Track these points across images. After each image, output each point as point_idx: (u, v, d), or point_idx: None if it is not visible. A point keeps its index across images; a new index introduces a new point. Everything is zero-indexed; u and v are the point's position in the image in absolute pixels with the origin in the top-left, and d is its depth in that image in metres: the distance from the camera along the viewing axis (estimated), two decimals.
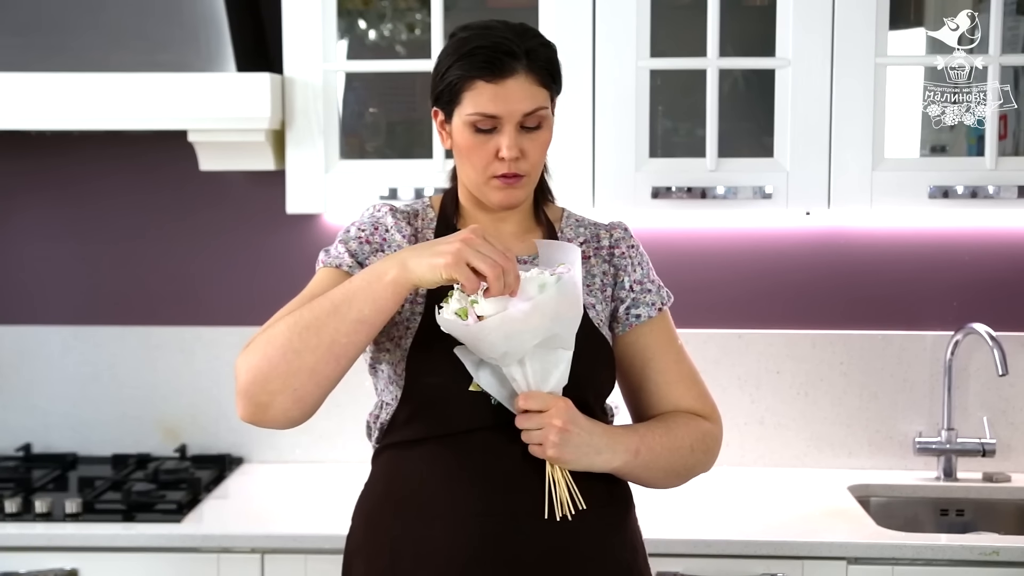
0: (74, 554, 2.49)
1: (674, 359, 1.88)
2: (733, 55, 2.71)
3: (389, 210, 1.85)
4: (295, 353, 1.63)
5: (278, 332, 1.65)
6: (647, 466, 1.79)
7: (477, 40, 1.73)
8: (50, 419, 3.01)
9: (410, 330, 1.77)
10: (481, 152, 1.76)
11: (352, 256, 1.79)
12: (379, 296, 1.63)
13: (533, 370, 1.67)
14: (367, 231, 1.82)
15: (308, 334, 1.63)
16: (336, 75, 2.74)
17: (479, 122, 1.74)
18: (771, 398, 2.92)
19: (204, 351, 2.98)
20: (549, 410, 1.68)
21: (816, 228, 2.87)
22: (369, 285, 1.63)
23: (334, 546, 2.36)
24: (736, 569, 2.40)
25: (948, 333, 2.83)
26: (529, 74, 1.73)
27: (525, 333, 1.62)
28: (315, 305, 1.65)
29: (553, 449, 1.68)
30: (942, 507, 2.79)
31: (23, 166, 3.00)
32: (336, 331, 1.63)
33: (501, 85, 1.72)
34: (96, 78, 2.56)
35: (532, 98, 1.74)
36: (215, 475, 2.84)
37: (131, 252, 3.00)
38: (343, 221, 2.82)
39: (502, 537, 1.71)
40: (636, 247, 1.90)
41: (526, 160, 1.77)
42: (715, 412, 1.90)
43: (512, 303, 1.61)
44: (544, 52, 1.77)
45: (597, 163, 2.65)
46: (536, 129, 1.77)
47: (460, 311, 1.61)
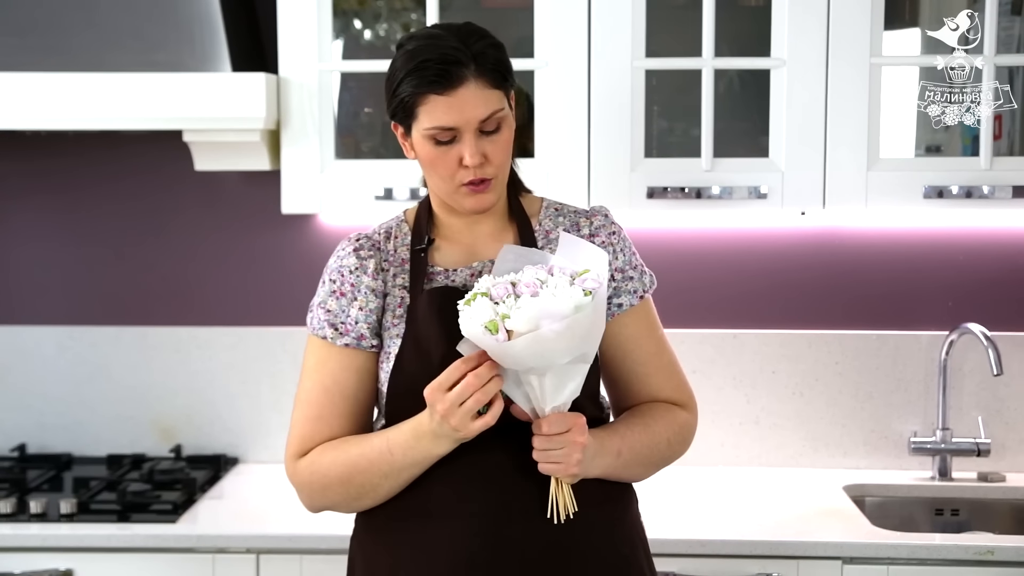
0: (69, 554, 2.49)
1: (654, 349, 1.88)
2: (728, 55, 2.71)
3: (353, 250, 1.84)
4: (355, 499, 1.81)
5: (332, 487, 1.80)
6: (627, 465, 1.81)
7: (423, 53, 1.72)
8: (45, 419, 3.00)
9: (398, 337, 1.79)
10: (444, 162, 1.76)
11: (331, 323, 1.82)
12: (423, 462, 1.74)
13: (551, 383, 1.65)
14: (337, 282, 1.83)
15: (364, 491, 1.78)
16: (331, 75, 2.73)
17: (437, 135, 1.74)
18: (766, 398, 2.92)
19: (199, 351, 2.98)
20: (571, 430, 1.68)
21: (811, 228, 2.87)
22: (411, 461, 1.73)
23: (329, 546, 2.37)
24: (731, 569, 2.40)
25: (943, 333, 2.83)
26: (480, 79, 1.72)
27: (556, 352, 1.61)
28: (363, 469, 1.76)
29: (577, 467, 1.69)
30: (937, 507, 2.79)
31: (18, 166, 2.99)
32: (391, 489, 1.77)
33: (453, 96, 1.71)
34: (91, 78, 2.56)
35: (486, 103, 1.73)
36: (210, 475, 2.84)
37: (126, 252, 2.99)
38: (338, 221, 2.85)
39: (500, 536, 1.72)
40: (616, 232, 1.88)
41: (491, 164, 1.76)
42: (692, 400, 1.92)
43: (545, 321, 1.58)
44: (492, 53, 1.75)
45: (592, 163, 2.65)
46: (496, 132, 1.76)
47: (490, 324, 1.59)
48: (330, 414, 1.81)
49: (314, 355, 1.84)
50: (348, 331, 1.81)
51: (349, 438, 1.80)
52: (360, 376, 1.82)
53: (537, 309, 1.58)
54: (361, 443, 1.78)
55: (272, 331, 2.95)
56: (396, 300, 1.81)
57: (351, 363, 1.82)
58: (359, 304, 1.81)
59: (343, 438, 1.81)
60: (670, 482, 2.68)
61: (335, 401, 1.81)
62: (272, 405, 2.96)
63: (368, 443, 1.77)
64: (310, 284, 1.88)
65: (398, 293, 1.82)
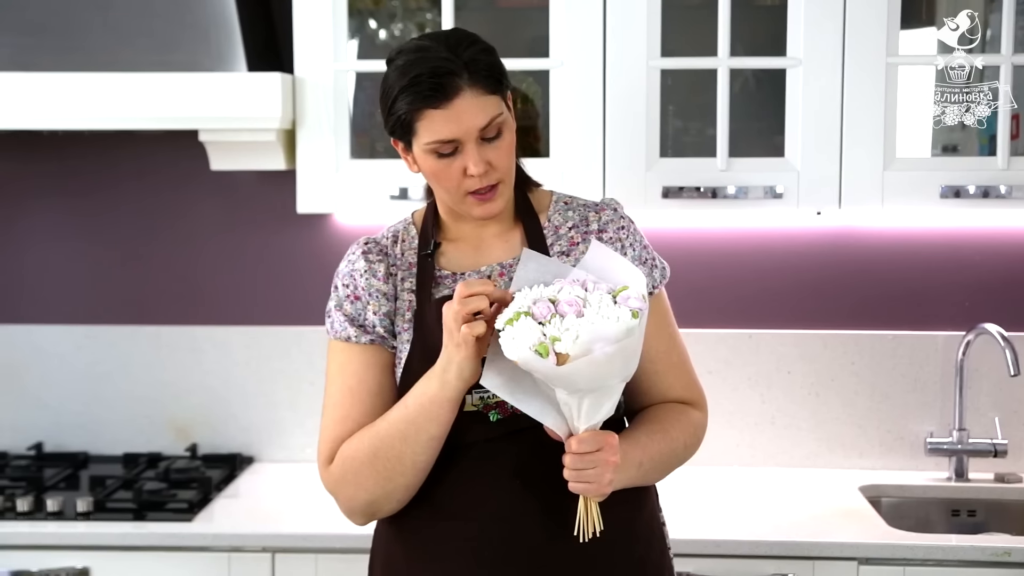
0: (85, 553, 2.50)
1: (664, 347, 1.86)
2: (744, 54, 2.71)
3: (363, 253, 1.84)
4: (387, 480, 1.75)
5: (362, 470, 1.76)
6: (647, 475, 1.80)
7: (415, 67, 1.70)
8: (62, 418, 3.02)
9: (407, 343, 1.79)
10: (449, 174, 1.74)
11: (352, 323, 1.81)
12: (437, 415, 1.70)
13: (590, 402, 1.63)
14: (350, 286, 1.83)
15: (391, 464, 1.74)
16: (347, 75, 2.74)
17: (439, 148, 1.72)
18: (782, 398, 2.92)
19: (215, 350, 2.99)
20: (603, 449, 1.66)
21: (827, 228, 2.86)
22: (424, 410, 1.70)
23: (345, 545, 2.38)
24: (747, 569, 2.40)
25: (960, 333, 2.82)
26: (475, 86, 1.70)
27: (608, 375, 1.59)
28: (384, 436, 1.74)
29: (609, 487, 1.68)
30: (953, 508, 2.79)
31: (34, 166, 3.00)
32: (415, 453, 1.73)
33: (450, 108, 1.69)
34: (107, 78, 2.57)
35: (484, 111, 1.71)
36: (226, 474, 2.84)
37: (142, 252, 3.00)
38: (354, 221, 2.86)
39: (512, 538, 1.73)
40: (625, 227, 1.84)
41: (495, 170, 1.74)
42: (702, 397, 1.91)
43: (598, 344, 1.55)
44: (484, 58, 1.72)
45: (608, 163, 2.65)
46: (497, 137, 1.73)
47: (540, 348, 1.55)
48: (358, 413, 1.80)
49: (335, 360, 1.84)
50: (369, 331, 1.81)
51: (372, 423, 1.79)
52: (384, 372, 1.82)
53: (591, 333, 1.55)
54: (381, 419, 1.76)
55: (287, 330, 2.96)
56: (405, 304, 1.81)
57: (375, 360, 1.81)
58: (372, 308, 1.81)
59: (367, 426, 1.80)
60: (685, 482, 2.67)
61: (362, 399, 1.81)
62: (287, 404, 2.97)
63: (387, 415, 1.75)
64: (325, 283, 1.88)
65: (407, 297, 1.81)
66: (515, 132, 1.79)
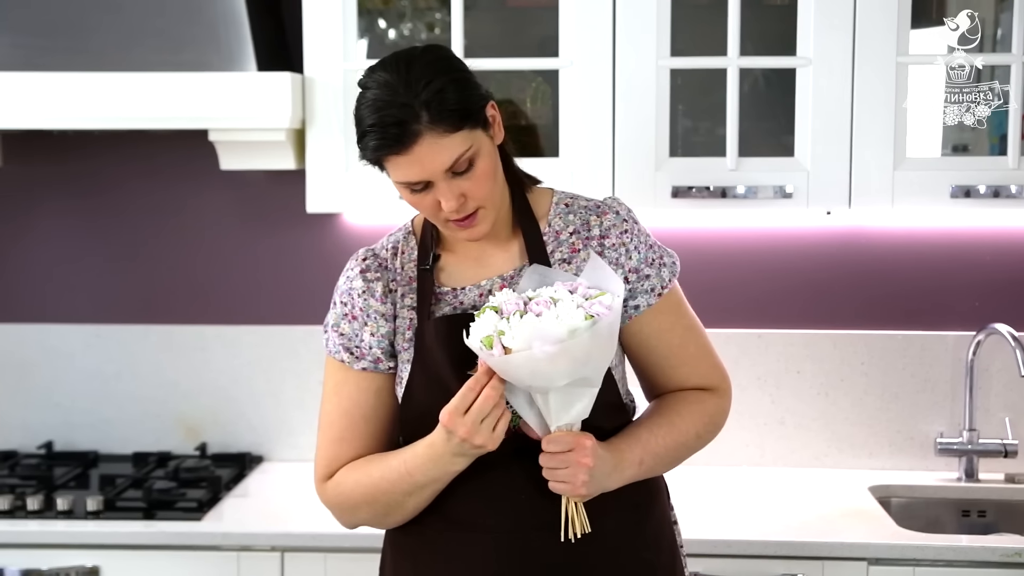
0: (95, 551, 2.50)
1: (679, 341, 1.84)
2: (753, 54, 2.70)
3: (360, 271, 1.81)
4: (385, 516, 1.80)
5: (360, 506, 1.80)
6: (651, 470, 1.80)
7: (373, 113, 1.65)
8: (72, 417, 3.02)
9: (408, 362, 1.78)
10: (424, 206, 1.72)
11: (347, 347, 1.81)
12: (444, 479, 1.73)
13: (556, 402, 1.64)
14: (348, 304, 1.81)
15: (390, 508, 1.77)
16: (356, 74, 2.71)
17: (410, 186, 1.69)
18: (791, 398, 2.91)
19: (224, 350, 2.99)
20: (575, 450, 1.66)
21: (837, 228, 2.85)
22: (433, 480, 1.72)
23: (354, 545, 2.38)
24: (756, 569, 2.40)
25: (970, 333, 2.82)
26: (435, 129, 1.63)
27: (554, 374, 1.59)
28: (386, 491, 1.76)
29: (584, 488, 1.67)
30: (963, 508, 2.78)
31: (44, 166, 3.01)
32: (417, 503, 1.76)
33: (411, 154, 1.64)
34: (117, 78, 2.57)
35: (448, 150, 1.65)
36: (235, 473, 2.85)
37: (152, 251, 3.01)
38: (363, 220, 2.86)
39: (519, 550, 1.73)
40: (629, 231, 1.79)
41: (472, 199, 1.69)
42: (723, 381, 1.88)
43: (537, 343, 1.56)
44: (444, 97, 1.64)
45: (617, 162, 2.64)
46: (469, 169, 1.68)
47: (486, 340, 1.59)
48: (352, 435, 1.81)
49: (332, 377, 1.84)
50: (364, 355, 1.80)
51: (371, 458, 1.79)
52: (380, 397, 1.81)
53: (531, 330, 1.56)
54: (381, 465, 1.76)
55: (297, 330, 2.96)
56: (405, 322, 1.79)
57: (369, 385, 1.81)
58: (370, 329, 1.79)
59: (366, 458, 1.80)
60: (695, 482, 2.68)
61: (356, 423, 1.81)
62: (297, 403, 2.97)
63: (387, 464, 1.75)
64: (334, 283, 1.88)
65: (407, 315, 1.79)
66: (495, 154, 1.73)
